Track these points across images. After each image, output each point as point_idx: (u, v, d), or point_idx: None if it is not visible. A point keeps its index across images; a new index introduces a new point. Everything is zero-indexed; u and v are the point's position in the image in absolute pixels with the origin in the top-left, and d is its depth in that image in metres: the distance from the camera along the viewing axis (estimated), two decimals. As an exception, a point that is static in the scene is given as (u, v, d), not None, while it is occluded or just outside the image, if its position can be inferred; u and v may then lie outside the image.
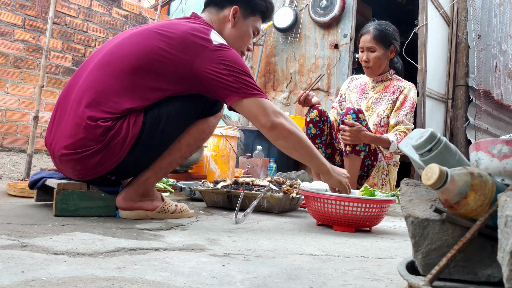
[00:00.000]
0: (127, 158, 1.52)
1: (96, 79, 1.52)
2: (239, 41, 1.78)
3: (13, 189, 2.04)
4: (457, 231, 0.81)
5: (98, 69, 1.54)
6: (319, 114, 2.72)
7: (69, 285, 0.80)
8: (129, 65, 1.50)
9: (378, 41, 2.71)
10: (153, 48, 1.50)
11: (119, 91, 1.49)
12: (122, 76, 1.50)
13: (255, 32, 1.83)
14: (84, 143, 1.48)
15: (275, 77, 4.99)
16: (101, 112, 1.48)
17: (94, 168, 1.51)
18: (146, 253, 1.09)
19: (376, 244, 1.46)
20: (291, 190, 2.06)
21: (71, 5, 4.48)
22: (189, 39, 1.51)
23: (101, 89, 1.50)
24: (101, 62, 1.55)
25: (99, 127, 1.47)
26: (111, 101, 1.48)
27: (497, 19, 5.07)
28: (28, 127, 4.12)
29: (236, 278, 0.92)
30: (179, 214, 1.70)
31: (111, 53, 1.56)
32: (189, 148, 1.65)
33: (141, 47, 1.52)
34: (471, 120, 4.50)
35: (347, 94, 3.00)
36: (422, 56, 3.85)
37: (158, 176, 1.63)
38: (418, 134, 0.94)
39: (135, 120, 1.50)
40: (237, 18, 1.75)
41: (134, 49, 1.52)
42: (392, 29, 2.77)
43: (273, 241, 1.38)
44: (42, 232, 1.25)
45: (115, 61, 1.53)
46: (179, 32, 1.53)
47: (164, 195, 1.73)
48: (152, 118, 1.52)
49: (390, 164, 2.76)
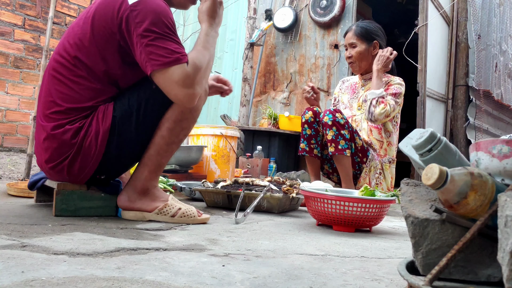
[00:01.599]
0: (107, 155, 1.49)
1: (49, 84, 1.51)
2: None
3: (13, 189, 2.04)
4: (457, 231, 0.81)
5: (48, 70, 1.53)
6: (314, 115, 2.72)
7: (69, 285, 0.80)
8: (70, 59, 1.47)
9: (359, 37, 2.78)
10: (82, 37, 1.46)
11: (83, 91, 1.47)
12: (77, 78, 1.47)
13: None
14: (59, 152, 1.47)
15: (275, 77, 4.99)
16: (67, 116, 1.47)
17: (79, 172, 1.51)
18: (146, 253, 1.09)
19: (376, 244, 1.46)
20: (291, 190, 2.06)
21: (71, 5, 4.48)
22: (103, 11, 1.44)
23: (56, 93, 1.48)
24: (50, 63, 1.54)
25: (67, 131, 1.45)
26: (79, 103, 1.47)
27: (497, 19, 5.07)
28: (28, 127, 4.12)
29: (236, 278, 0.92)
30: (181, 219, 1.59)
31: (56, 52, 1.53)
32: (172, 132, 1.54)
33: (72, 39, 1.49)
34: (471, 120, 4.50)
35: (340, 96, 3.04)
36: (422, 56, 3.85)
37: (151, 169, 1.56)
38: (418, 134, 0.94)
39: (103, 115, 1.46)
40: None
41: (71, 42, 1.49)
42: (374, 26, 2.84)
43: (273, 241, 1.38)
44: (42, 232, 1.25)
45: (61, 65, 1.50)
46: (93, 8, 1.47)
47: (171, 197, 1.63)
48: (123, 109, 1.48)
49: (384, 162, 2.76)
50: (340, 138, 2.53)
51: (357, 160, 2.67)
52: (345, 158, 2.55)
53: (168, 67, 1.40)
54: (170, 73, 1.41)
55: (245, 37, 4.94)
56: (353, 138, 2.62)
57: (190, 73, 1.43)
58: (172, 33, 1.44)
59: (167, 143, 1.55)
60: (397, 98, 2.69)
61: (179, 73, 1.41)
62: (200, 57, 1.48)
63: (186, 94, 1.44)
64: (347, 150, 2.54)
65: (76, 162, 1.48)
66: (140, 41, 1.40)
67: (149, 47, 1.40)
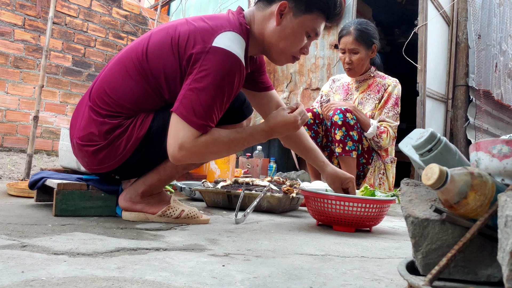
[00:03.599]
0: (131, 159, 1.50)
1: (113, 74, 1.51)
2: (283, 42, 1.52)
3: (13, 189, 2.04)
4: (457, 231, 0.81)
5: (118, 64, 1.52)
6: (314, 116, 2.71)
7: (69, 285, 0.80)
8: (145, 67, 1.46)
9: (360, 42, 2.66)
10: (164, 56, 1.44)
11: (133, 91, 1.46)
12: (136, 77, 1.46)
13: (311, 34, 1.54)
14: (91, 137, 1.49)
15: (275, 77, 4.99)
16: (110, 108, 1.47)
17: (98, 164, 1.52)
18: (146, 253, 1.09)
19: (376, 244, 1.46)
20: (291, 190, 2.06)
21: (71, 5, 4.48)
22: (186, 40, 1.42)
23: (116, 86, 1.48)
24: (122, 58, 1.52)
25: (105, 124, 1.46)
26: (123, 100, 1.47)
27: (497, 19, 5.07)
28: (28, 127, 4.12)
29: (236, 278, 0.92)
30: (185, 220, 1.59)
31: (132, 50, 1.51)
32: None
33: (156, 51, 1.46)
34: (471, 120, 4.50)
35: (331, 95, 2.98)
36: (422, 56, 3.85)
37: (162, 179, 1.56)
38: (418, 134, 0.93)
39: (142, 122, 1.47)
40: (285, 15, 1.49)
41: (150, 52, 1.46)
42: (372, 28, 2.74)
43: (273, 241, 1.38)
44: (42, 232, 1.25)
45: (131, 59, 1.48)
46: (182, 33, 1.44)
47: (173, 198, 1.64)
48: (160, 122, 1.47)
49: (386, 162, 2.76)
50: (348, 139, 2.52)
51: (363, 161, 2.66)
52: (351, 159, 2.54)
53: (186, 122, 1.37)
54: (181, 126, 1.37)
55: (245, 37, 4.93)
56: (360, 139, 2.60)
57: (196, 144, 1.38)
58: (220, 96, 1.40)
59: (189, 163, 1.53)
60: (396, 106, 2.69)
61: (187, 135, 1.37)
62: (219, 145, 1.43)
63: (176, 153, 1.39)
64: (354, 151, 2.54)
65: (100, 154, 1.49)
66: (191, 79, 1.38)
67: (196, 87, 1.37)
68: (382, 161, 2.74)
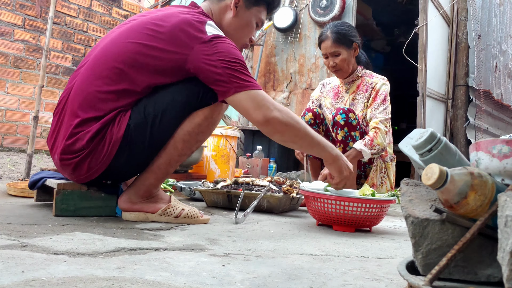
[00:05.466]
0: (116, 161, 1.48)
1: (86, 80, 1.51)
2: (239, 31, 1.71)
3: (13, 189, 2.04)
4: (457, 231, 0.81)
5: (89, 70, 1.52)
6: (314, 116, 2.71)
7: (69, 285, 0.80)
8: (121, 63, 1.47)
9: (339, 44, 2.65)
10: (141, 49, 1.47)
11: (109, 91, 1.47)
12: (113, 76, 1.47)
13: (258, 24, 1.76)
14: (76, 148, 1.47)
15: (275, 77, 4.99)
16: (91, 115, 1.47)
17: (86, 172, 1.50)
18: (146, 253, 1.09)
19: (376, 244, 1.46)
20: (291, 190, 2.06)
21: (71, 5, 4.48)
22: (180, 32, 1.46)
23: (91, 91, 1.48)
24: (93, 62, 1.53)
25: (88, 132, 1.46)
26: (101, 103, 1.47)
27: (497, 19, 5.07)
28: (28, 127, 4.12)
29: (236, 278, 0.92)
30: (185, 219, 1.60)
31: (102, 53, 1.53)
32: (186, 144, 1.54)
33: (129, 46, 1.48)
34: (471, 120, 4.50)
35: (322, 100, 2.96)
36: (422, 56, 3.85)
37: (158, 177, 1.57)
38: (418, 134, 0.94)
39: (119, 122, 1.46)
40: (239, 7, 1.68)
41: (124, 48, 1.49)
42: (348, 27, 2.72)
43: (273, 241, 1.38)
44: (42, 232, 1.25)
45: (104, 61, 1.50)
46: (170, 26, 1.47)
47: (173, 197, 1.64)
48: (138, 118, 1.47)
49: (386, 161, 2.75)
50: (350, 139, 2.52)
51: (364, 161, 2.65)
52: None
53: (253, 89, 1.48)
54: (252, 94, 1.47)
55: (245, 37, 4.93)
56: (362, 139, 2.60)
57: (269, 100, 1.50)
58: None
59: (180, 154, 1.55)
60: (385, 102, 2.67)
61: (260, 95, 1.49)
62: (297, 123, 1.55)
63: (272, 112, 1.48)
64: None
65: (86, 161, 1.48)
66: (222, 63, 1.45)
67: (236, 68, 1.47)
68: (382, 160, 2.74)
